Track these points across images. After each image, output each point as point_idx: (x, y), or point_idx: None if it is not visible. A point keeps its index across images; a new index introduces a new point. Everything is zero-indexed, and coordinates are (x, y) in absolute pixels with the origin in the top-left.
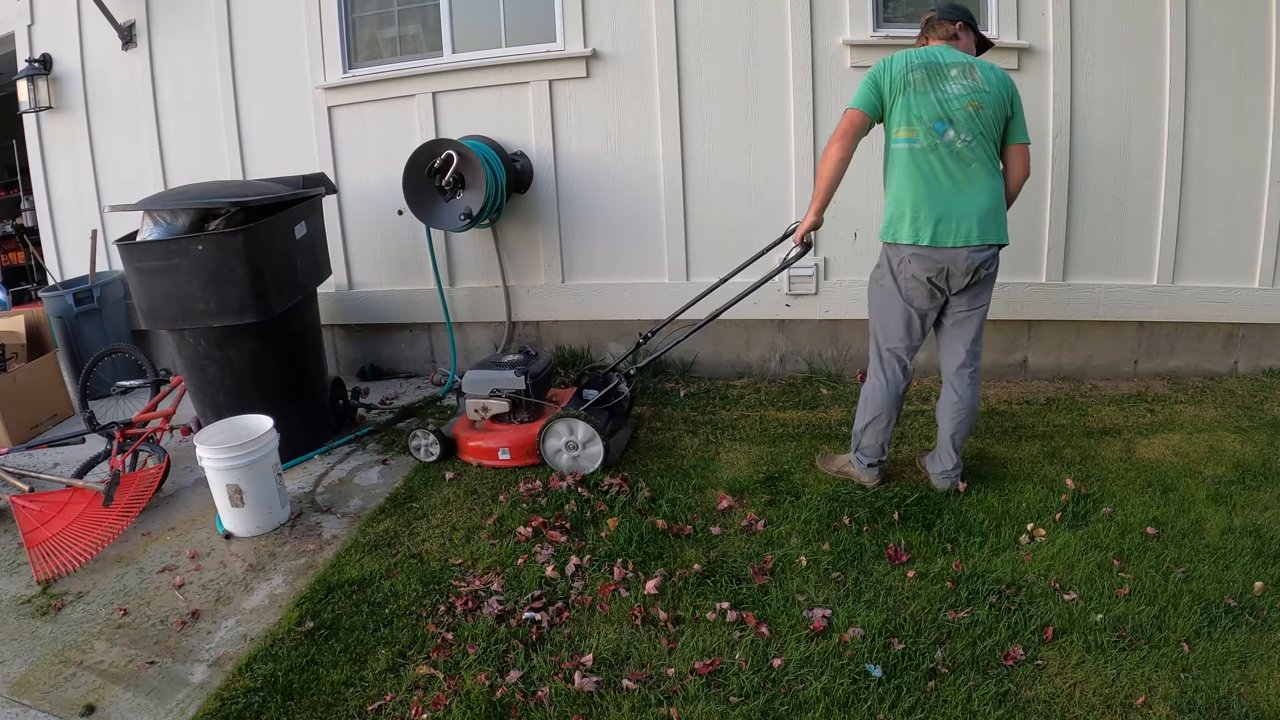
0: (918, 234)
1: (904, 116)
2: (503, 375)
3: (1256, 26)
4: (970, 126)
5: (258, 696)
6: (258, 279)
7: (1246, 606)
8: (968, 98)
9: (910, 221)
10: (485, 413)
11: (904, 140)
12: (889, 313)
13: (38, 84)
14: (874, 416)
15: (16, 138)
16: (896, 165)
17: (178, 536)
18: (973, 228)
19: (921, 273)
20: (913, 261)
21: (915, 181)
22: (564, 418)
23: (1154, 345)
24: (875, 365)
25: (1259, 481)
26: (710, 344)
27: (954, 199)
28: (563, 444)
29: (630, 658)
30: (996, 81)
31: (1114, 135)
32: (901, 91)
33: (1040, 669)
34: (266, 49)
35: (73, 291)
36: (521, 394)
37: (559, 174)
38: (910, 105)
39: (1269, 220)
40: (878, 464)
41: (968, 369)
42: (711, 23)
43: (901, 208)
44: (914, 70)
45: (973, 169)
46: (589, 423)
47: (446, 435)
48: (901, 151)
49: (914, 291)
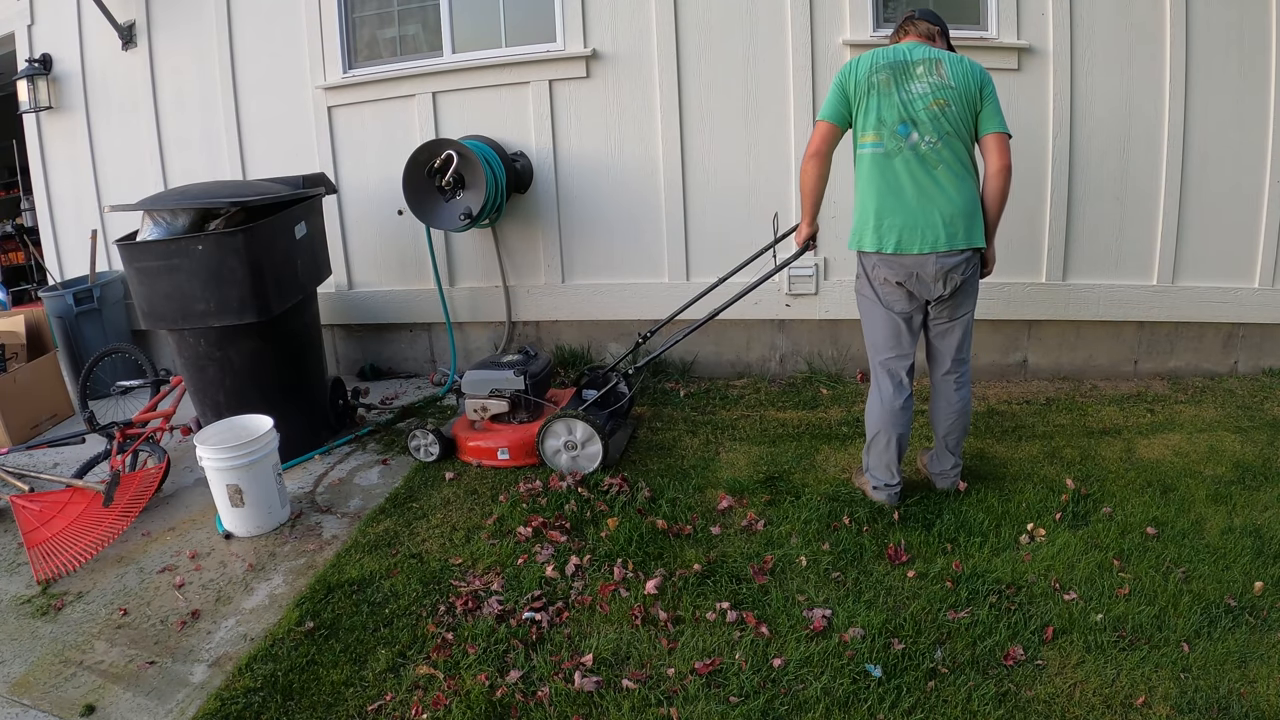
0: (881, 241)
1: (868, 120)
2: (502, 375)
3: (1256, 26)
4: (936, 127)
5: (258, 696)
6: (258, 279)
7: (1246, 606)
8: (932, 96)
9: (874, 229)
10: (484, 413)
11: (869, 145)
12: (874, 323)
13: (38, 84)
14: (874, 434)
15: (16, 138)
16: (861, 171)
17: (178, 536)
18: (939, 233)
19: (891, 276)
20: (880, 266)
21: (879, 188)
22: (563, 417)
23: (1154, 345)
24: (872, 381)
25: (1259, 481)
26: (710, 344)
27: (918, 205)
28: (561, 444)
29: (630, 658)
30: (964, 75)
31: (1114, 135)
32: (866, 95)
33: (1040, 669)
34: (266, 49)
35: (73, 291)
36: (520, 394)
37: (559, 174)
38: (874, 109)
39: (1269, 220)
40: (885, 487)
41: (953, 374)
42: (711, 23)
43: (865, 215)
44: (879, 71)
45: (938, 172)
46: (587, 422)
47: (446, 435)
48: (865, 157)
49: (890, 295)
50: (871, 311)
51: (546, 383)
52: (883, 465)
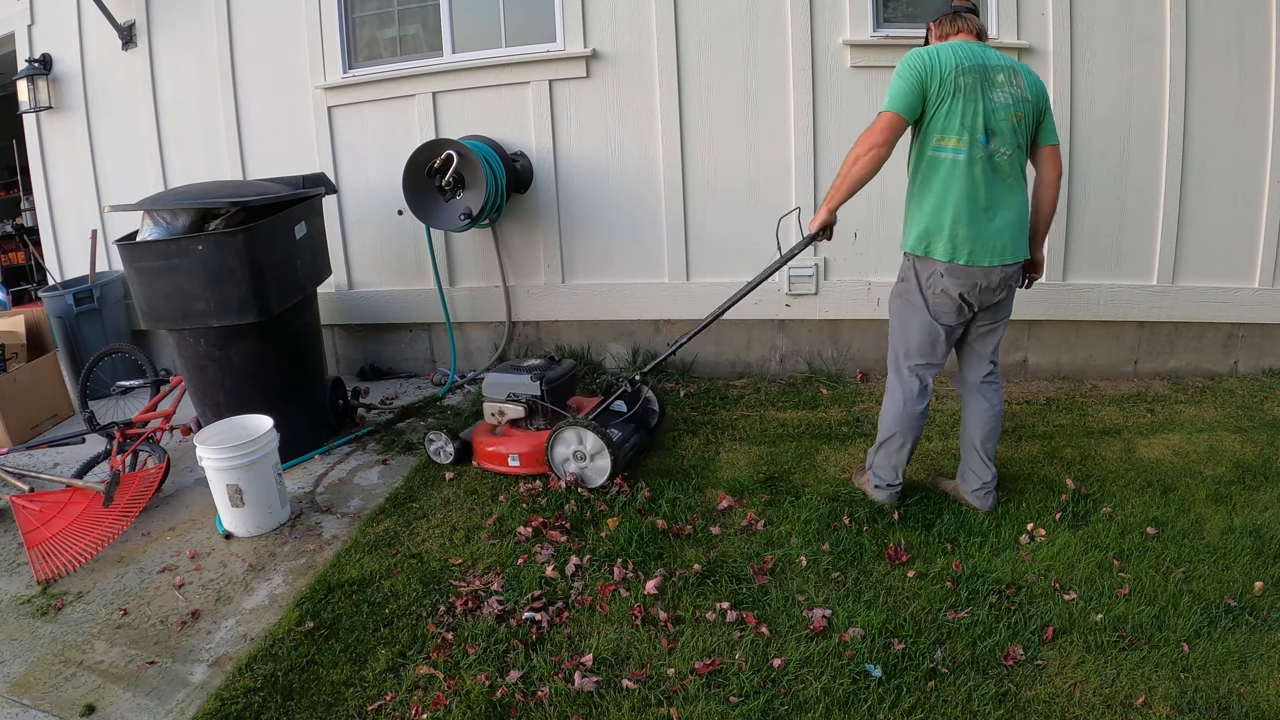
0: (954, 252)
1: (951, 123)
2: (519, 380)
3: (1256, 26)
4: (1012, 140)
5: (258, 696)
6: (258, 279)
7: (1246, 606)
8: (1013, 108)
9: (948, 239)
10: (502, 417)
11: (948, 150)
12: (913, 328)
13: (38, 84)
14: (889, 435)
15: (16, 138)
16: (936, 175)
17: (178, 536)
18: (1006, 245)
19: (954, 288)
20: (945, 277)
21: (957, 196)
22: (574, 425)
23: (1154, 345)
24: (894, 382)
25: (1259, 481)
26: (710, 344)
27: (991, 216)
28: (571, 452)
29: (630, 658)
30: (1034, 87)
31: (1114, 135)
32: (950, 96)
33: (1040, 669)
34: (266, 49)
35: (73, 291)
36: (536, 399)
37: (559, 174)
38: (958, 112)
39: (1269, 220)
40: (888, 487)
41: (989, 377)
42: (711, 23)
43: (939, 222)
44: (965, 74)
45: (1007, 183)
46: (598, 434)
47: (464, 439)
48: (943, 162)
49: (943, 307)
50: (913, 317)
51: (567, 390)
52: (890, 466)
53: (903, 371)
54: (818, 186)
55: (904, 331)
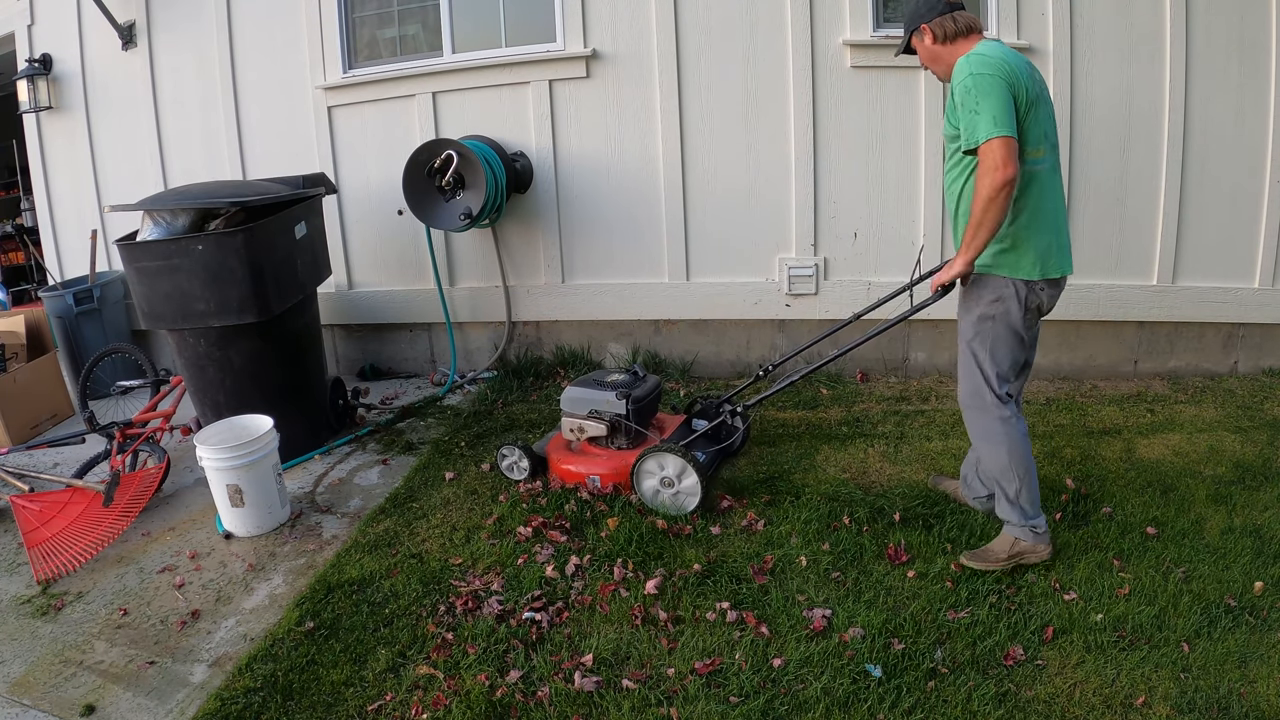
0: (1064, 265)
1: (1037, 133)
2: (603, 396)
3: (1256, 26)
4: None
5: (258, 696)
6: (258, 279)
7: (1246, 606)
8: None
9: (1058, 254)
10: (581, 434)
11: (1040, 162)
12: (1008, 351)
13: (38, 84)
14: (1025, 471)
15: (16, 138)
16: (1041, 193)
17: (178, 536)
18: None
19: (1049, 302)
20: (1047, 289)
21: (1053, 210)
22: (654, 454)
23: (1154, 345)
24: (1000, 413)
25: (1259, 481)
26: (710, 344)
27: (1067, 223)
28: (658, 482)
29: (630, 658)
30: None
31: (1114, 135)
32: (1035, 105)
33: (1040, 669)
34: (266, 49)
35: (73, 291)
36: (621, 419)
37: (559, 174)
38: (1040, 121)
39: (1269, 220)
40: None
41: None
42: (711, 23)
43: (1049, 239)
44: (1034, 81)
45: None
46: (677, 454)
47: (539, 454)
48: (1038, 175)
49: (1031, 321)
50: (1010, 340)
51: (652, 408)
52: (1036, 502)
53: (1001, 397)
54: (818, 187)
55: (1001, 355)
